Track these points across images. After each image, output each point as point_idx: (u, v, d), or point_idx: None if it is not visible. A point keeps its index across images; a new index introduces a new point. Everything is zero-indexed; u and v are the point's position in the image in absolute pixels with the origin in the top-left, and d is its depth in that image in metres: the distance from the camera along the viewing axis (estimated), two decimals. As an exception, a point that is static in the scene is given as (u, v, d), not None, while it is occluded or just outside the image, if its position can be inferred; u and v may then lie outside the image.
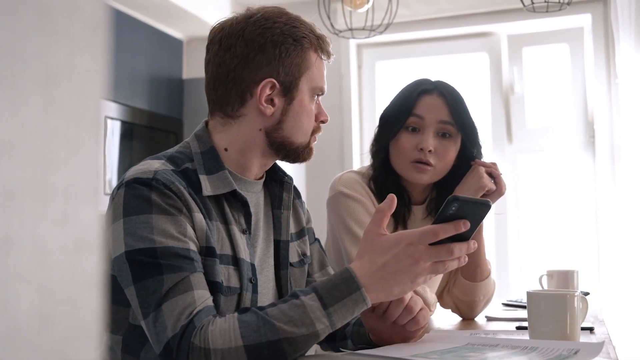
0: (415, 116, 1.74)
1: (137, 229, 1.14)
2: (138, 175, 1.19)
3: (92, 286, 0.41)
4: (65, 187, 0.40)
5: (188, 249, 1.14)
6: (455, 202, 1.07)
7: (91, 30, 0.42)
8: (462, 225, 1.09)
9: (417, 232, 1.10)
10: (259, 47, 1.26)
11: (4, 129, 0.38)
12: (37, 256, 0.39)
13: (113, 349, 1.26)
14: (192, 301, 1.10)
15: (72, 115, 0.41)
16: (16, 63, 0.39)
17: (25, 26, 0.40)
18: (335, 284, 1.09)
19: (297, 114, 1.30)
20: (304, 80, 1.30)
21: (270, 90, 1.27)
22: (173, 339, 1.07)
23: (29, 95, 0.39)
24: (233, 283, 1.23)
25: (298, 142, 1.32)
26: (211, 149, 1.29)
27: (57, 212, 0.40)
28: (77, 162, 0.41)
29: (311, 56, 1.30)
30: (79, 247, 0.41)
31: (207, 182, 1.25)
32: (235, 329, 1.05)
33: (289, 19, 1.30)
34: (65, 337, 0.40)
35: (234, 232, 1.26)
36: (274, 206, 1.39)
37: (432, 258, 1.10)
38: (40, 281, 0.39)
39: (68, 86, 0.41)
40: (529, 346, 1.19)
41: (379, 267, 1.10)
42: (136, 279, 1.12)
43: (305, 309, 1.07)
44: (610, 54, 3.79)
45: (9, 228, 0.38)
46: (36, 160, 0.39)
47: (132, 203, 1.16)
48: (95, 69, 0.42)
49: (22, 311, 0.38)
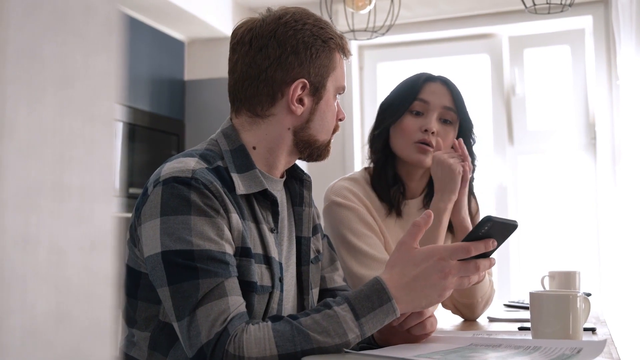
0: (420, 100, 1.78)
1: (175, 230, 1.14)
2: (177, 174, 1.18)
3: (108, 284, 0.42)
4: (81, 186, 0.41)
5: (224, 252, 1.15)
6: (489, 222, 1.13)
7: (106, 31, 0.43)
8: (491, 244, 1.16)
9: (449, 248, 1.15)
10: (292, 48, 1.28)
11: (21, 129, 0.38)
12: (54, 254, 0.40)
13: (138, 345, 1.27)
14: (226, 307, 1.11)
15: (88, 115, 0.41)
16: (33, 64, 0.39)
17: (42, 28, 0.40)
18: (367, 295, 1.13)
19: (323, 112, 1.33)
20: (330, 80, 1.33)
21: (301, 90, 1.29)
22: (207, 345, 1.08)
23: (46, 95, 0.40)
24: (265, 282, 1.25)
25: (322, 140, 1.35)
26: (241, 147, 1.30)
27: (73, 211, 0.41)
28: (93, 162, 0.41)
29: (336, 56, 1.34)
30: (95, 246, 0.41)
31: (239, 180, 1.25)
32: (270, 338, 1.08)
33: (316, 21, 1.34)
34: (81, 334, 0.41)
35: (264, 231, 1.28)
36: (294, 203, 1.41)
37: (460, 273, 1.15)
38: (57, 279, 0.40)
39: (84, 87, 0.41)
40: (531, 346, 1.20)
41: (409, 279, 1.15)
42: (171, 281, 1.13)
43: (338, 319, 1.10)
44: (612, 56, 3.80)
45: (27, 227, 0.39)
46: (53, 160, 0.40)
47: (170, 202, 1.16)
48: (110, 70, 0.43)
49: (39, 308, 0.39)
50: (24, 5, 0.39)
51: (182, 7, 3.75)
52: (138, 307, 1.26)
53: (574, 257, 3.85)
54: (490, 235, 1.16)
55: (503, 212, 4.01)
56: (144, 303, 1.25)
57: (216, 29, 4.04)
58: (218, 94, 3.78)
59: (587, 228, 3.87)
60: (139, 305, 1.26)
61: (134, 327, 1.27)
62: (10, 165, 0.38)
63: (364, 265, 1.66)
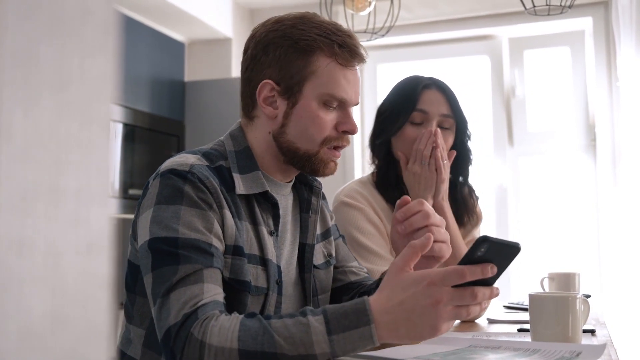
0: (420, 111, 1.83)
1: (164, 218, 1.15)
2: (174, 167, 1.20)
3: (104, 287, 0.42)
4: (77, 189, 0.41)
5: (210, 243, 1.15)
6: (485, 243, 1.00)
7: (103, 34, 0.43)
8: (489, 270, 1.01)
9: (441, 272, 1.01)
10: (263, 48, 1.28)
11: (17, 131, 0.38)
12: (50, 257, 0.40)
13: (133, 342, 1.27)
14: (199, 292, 1.09)
15: (84, 118, 0.41)
16: (30, 67, 0.39)
17: (39, 31, 0.40)
18: (346, 312, 1.03)
19: (300, 118, 1.28)
20: (309, 85, 1.27)
21: (270, 92, 1.28)
22: (174, 326, 1.06)
23: (42, 98, 0.40)
24: (261, 283, 1.24)
25: (304, 149, 1.29)
26: (246, 149, 1.31)
27: (69, 214, 0.41)
28: (89, 165, 0.41)
29: (319, 60, 1.27)
30: (91, 249, 0.41)
31: (240, 181, 1.26)
32: (234, 331, 1.03)
33: (297, 22, 1.28)
34: (77, 337, 0.41)
35: (263, 233, 1.27)
36: (302, 209, 1.40)
37: (454, 301, 1.01)
38: (53, 282, 0.40)
39: (80, 89, 0.41)
40: (531, 348, 1.19)
41: (394, 304, 1.02)
42: (154, 267, 1.12)
43: (308, 329, 1.02)
44: (612, 57, 3.80)
45: (23, 229, 0.38)
46: (49, 163, 0.40)
47: (164, 192, 1.17)
48: (106, 73, 0.43)
49: (35, 312, 0.39)
50: (21, 8, 0.39)
51: (182, 9, 3.76)
52: (136, 302, 1.27)
53: (574, 259, 3.85)
54: (488, 258, 1.02)
55: (503, 214, 4.01)
56: (141, 298, 1.25)
57: (216, 30, 4.04)
58: (218, 95, 3.79)
59: (587, 229, 3.87)
60: (136, 300, 1.27)
61: (132, 322, 1.28)
62: (6, 168, 0.38)
63: (369, 261, 1.71)
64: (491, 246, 1.00)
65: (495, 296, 1.04)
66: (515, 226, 4.02)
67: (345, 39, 1.28)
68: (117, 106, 3.38)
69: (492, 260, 1.02)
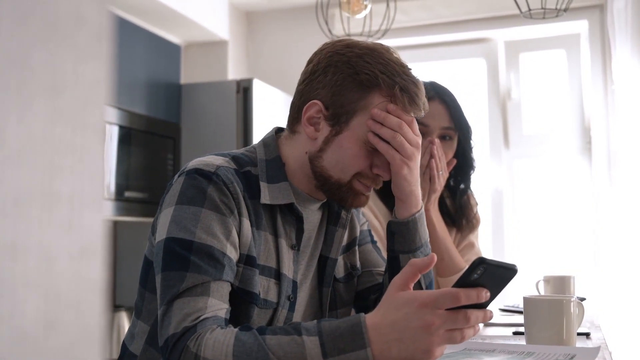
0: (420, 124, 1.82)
1: (184, 219, 1.14)
2: (201, 167, 1.19)
3: (97, 291, 0.42)
4: (70, 194, 0.41)
5: (224, 252, 1.14)
6: (481, 266, 0.96)
7: (96, 40, 0.43)
8: (484, 294, 0.98)
9: (434, 294, 0.98)
10: (324, 67, 1.24)
11: (11, 137, 0.39)
12: (43, 262, 0.40)
13: (136, 337, 1.27)
14: (203, 306, 1.09)
15: (77, 123, 0.42)
16: (23, 72, 0.40)
17: (32, 36, 0.40)
18: (342, 334, 1.00)
19: (339, 148, 1.24)
20: (357, 119, 1.22)
21: (316, 112, 1.24)
22: (172, 337, 1.07)
23: (36, 103, 0.40)
24: (271, 297, 1.22)
25: (336, 177, 1.25)
26: (277, 159, 1.28)
27: (62, 219, 0.41)
28: (83, 170, 0.42)
29: (375, 98, 1.22)
30: (84, 253, 0.42)
31: (266, 190, 1.24)
32: (229, 345, 1.02)
33: (366, 53, 1.23)
34: (71, 342, 0.41)
35: (282, 246, 1.25)
36: (329, 222, 1.36)
37: (447, 325, 0.97)
38: (46, 286, 0.40)
39: (74, 95, 0.42)
40: (525, 351, 1.20)
41: (387, 322, 0.99)
42: (164, 268, 1.12)
43: (303, 350, 0.99)
44: (607, 60, 3.80)
45: (16, 234, 0.39)
46: (42, 168, 0.40)
47: (187, 192, 1.16)
48: (100, 78, 0.43)
49: (28, 316, 0.39)
50: (14, 14, 0.39)
51: (178, 11, 3.76)
52: (145, 298, 1.27)
53: (570, 261, 3.85)
54: (484, 280, 0.98)
55: (499, 216, 4.02)
56: (150, 294, 1.26)
57: (213, 33, 4.04)
58: (214, 98, 3.78)
59: (583, 232, 3.88)
60: (146, 295, 1.27)
61: (139, 317, 1.28)
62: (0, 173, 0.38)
63: None
64: (488, 269, 0.97)
65: (489, 319, 1.01)
66: (511, 229, 4.03)
67: (409, 85, 1.23)
68: (113, 108, 3.38)
69: (489, 283, 0.99)
